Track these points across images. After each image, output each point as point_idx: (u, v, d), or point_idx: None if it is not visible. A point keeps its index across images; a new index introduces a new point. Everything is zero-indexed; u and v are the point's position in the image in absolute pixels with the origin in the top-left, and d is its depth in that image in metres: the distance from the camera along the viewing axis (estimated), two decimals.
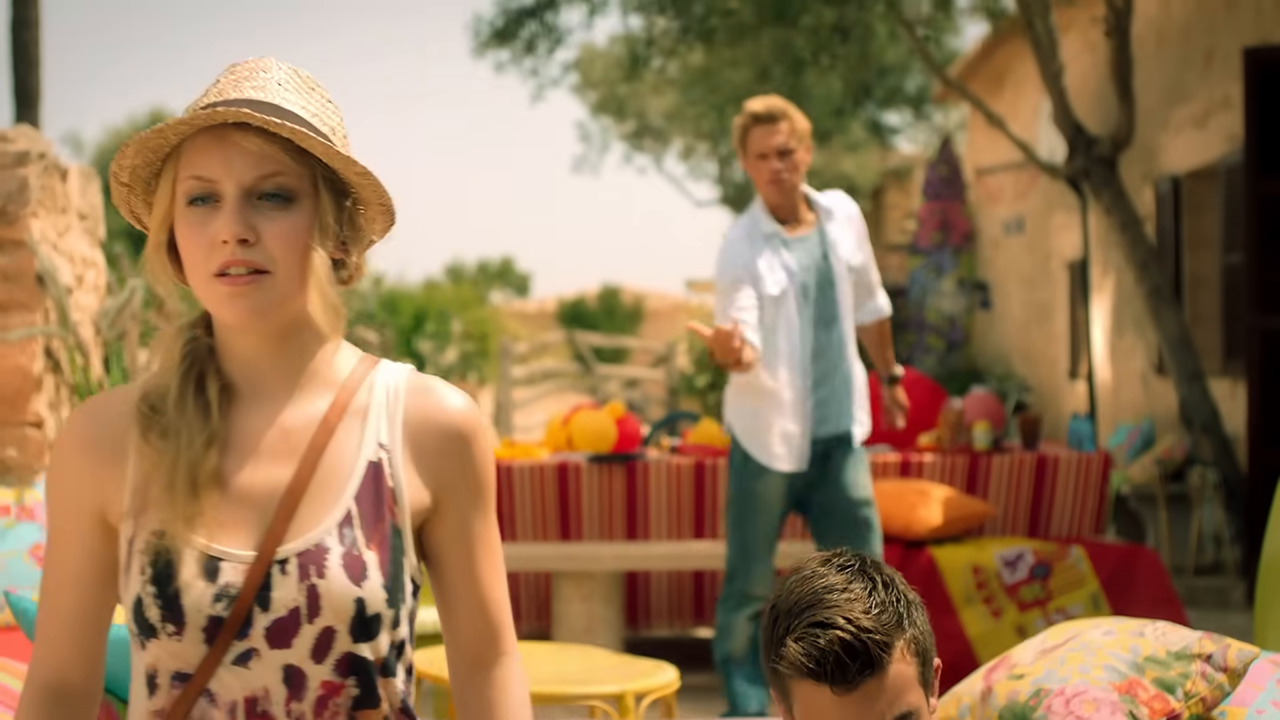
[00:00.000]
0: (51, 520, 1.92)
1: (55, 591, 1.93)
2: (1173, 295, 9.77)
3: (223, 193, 1.84)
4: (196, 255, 1.86)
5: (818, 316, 5.30)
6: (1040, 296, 15.67)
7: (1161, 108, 11.30)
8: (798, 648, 2.02)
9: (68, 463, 1.91)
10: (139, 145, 1.85)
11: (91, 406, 1.94)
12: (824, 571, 2.10)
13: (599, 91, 27.58)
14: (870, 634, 2.01)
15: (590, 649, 4.49)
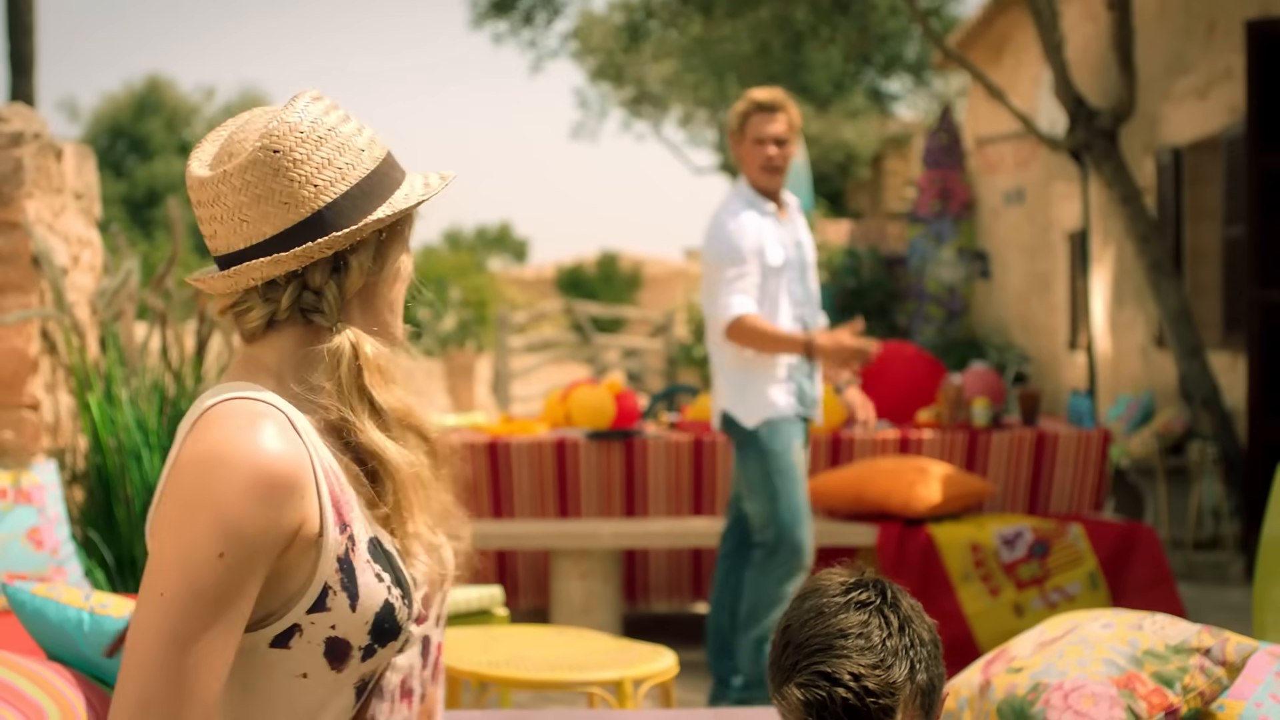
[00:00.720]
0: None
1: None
2: (1173, 268, 9.75)
3: None
4: (404, 281, 2.03)
5: (798, 296, 5.58)
6: (1040, 267, 15.65)
7: (1163, 79, 11.25)
8: (800, 694, 2.00)
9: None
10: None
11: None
12: (841, 604, 2.07)
13: (597, 58, 27.48)
14: (875, 698, 1.99)
15: (588, 633, 4.48)
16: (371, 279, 1.96)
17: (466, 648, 4.18)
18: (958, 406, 7.18)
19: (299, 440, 1.83)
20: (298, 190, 1.87)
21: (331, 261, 1.92)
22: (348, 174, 1.90)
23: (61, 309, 5.33)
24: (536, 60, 18.58)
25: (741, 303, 5.38)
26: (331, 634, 1.83)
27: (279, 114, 1.92)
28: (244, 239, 1.89)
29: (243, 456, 1.77)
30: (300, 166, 1.88)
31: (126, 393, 5.46)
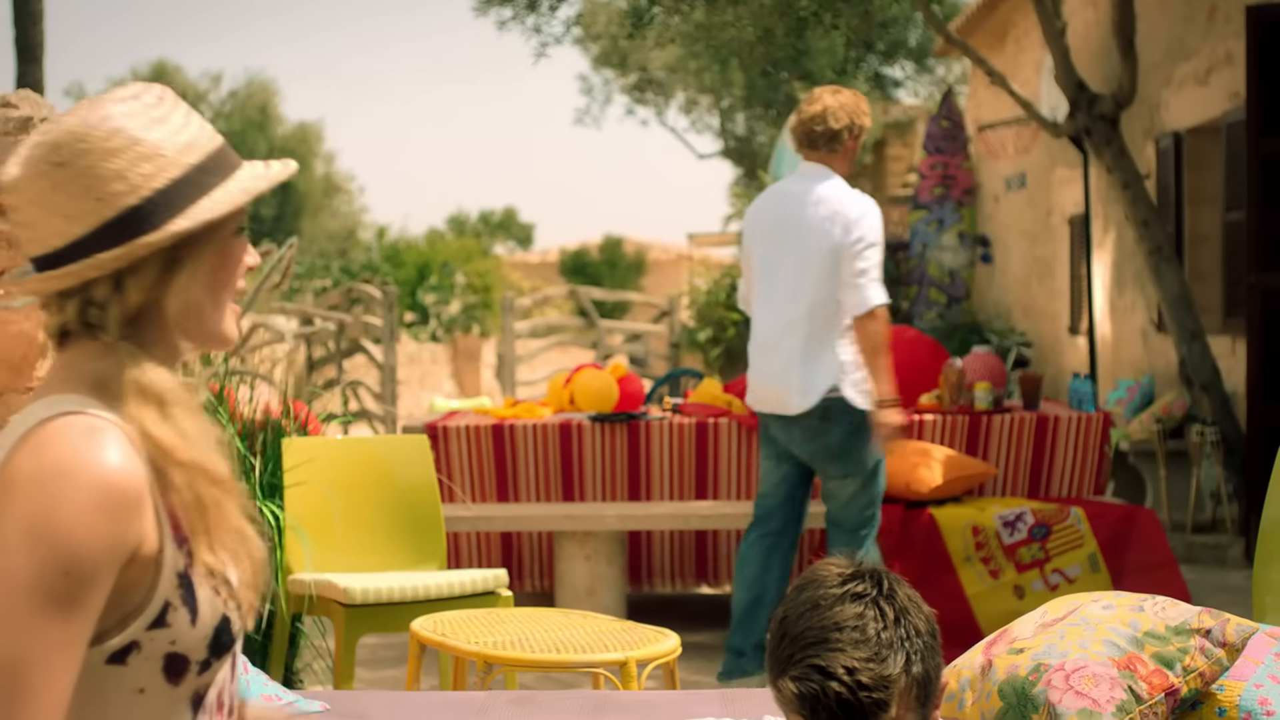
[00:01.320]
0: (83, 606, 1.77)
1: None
2: (1173, 253, 9.76)
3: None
4: (230, 281, 1.95)
5: None
6: (1041, 252, 15.66)
7: (1164, 64, 11.26)
8: (794, 688, 2.01)
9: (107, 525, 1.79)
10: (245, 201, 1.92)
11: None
12: (837, 595, 2.08)
13: (601, 44, 27.45)
14: (868, 691, 2.00)
15: (593, 615, 4.52)
16: (158, 294, 1.87)
17: (472, 629, 4.21)
18: (959, 390, 7.21)
19: (135, 455, 1.79)
20: (78, 204, 1.82)
21: (114, 276, 1.84)
22: (140, 186, 1.82)
23: None
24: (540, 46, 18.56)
25: (884, 294, 5.66)
26: (171, 649, 1.80)
27: (81, 115, 1.85)
28: (35, 247, 1.86)
29: (86, 472, 1.72)
30: (86, 177, 1.82)
31: None
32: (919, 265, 16.99)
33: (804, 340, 5.70)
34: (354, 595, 4.81)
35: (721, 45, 15.94)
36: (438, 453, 7.03)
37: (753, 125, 27.68)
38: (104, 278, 1.84)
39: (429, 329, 23.04)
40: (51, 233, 1.83)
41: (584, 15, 25.67)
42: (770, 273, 5.83)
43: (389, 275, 23.85)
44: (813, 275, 5.68)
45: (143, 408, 1.82)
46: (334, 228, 40.63)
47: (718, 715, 3.18)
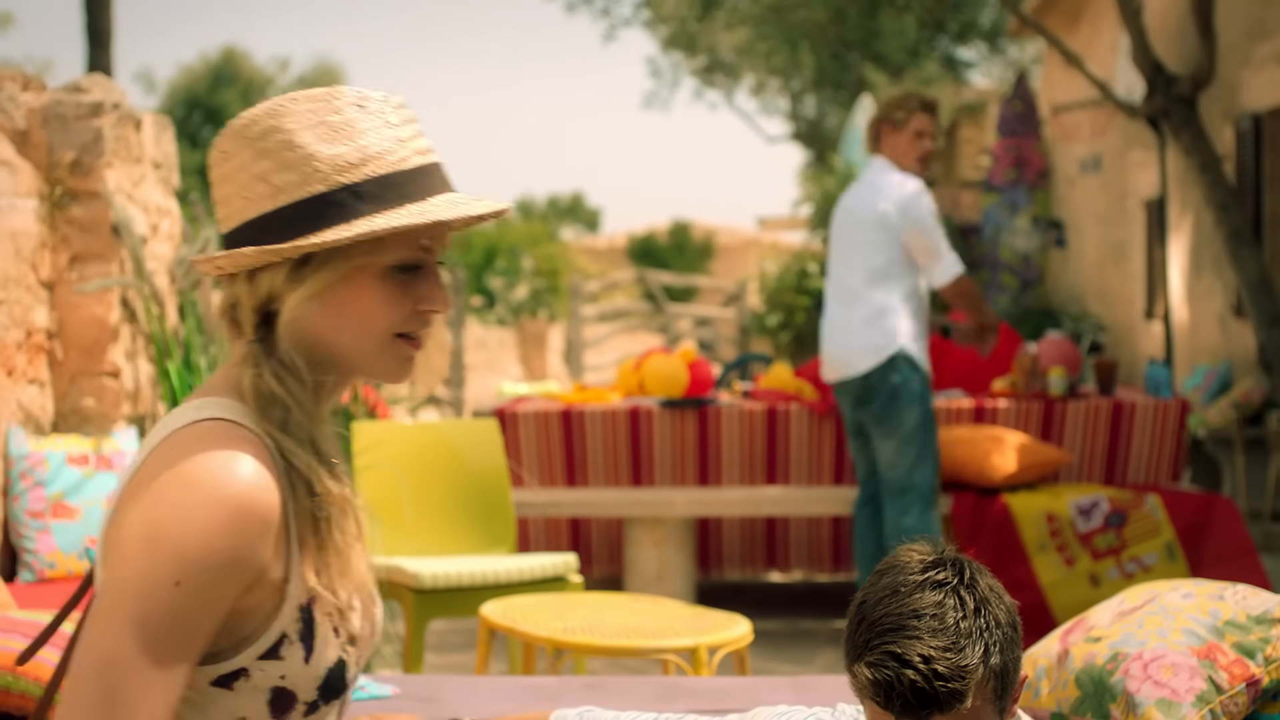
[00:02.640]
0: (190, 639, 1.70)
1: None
2: (1253, 236, 9.62)
3: (427, 262, 1.85)
4: (388, 316, 1.83)
5: None
6: (1116, 235, 15.49)
7: (1243, 44, 11.09)
8: (869, 674, 1.98)
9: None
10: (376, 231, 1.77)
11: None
12: (917, 582, 2.03)
13: (670, 26, 27.39)
14: (944, 681, 1.95)
15: (663, 600, 4.49)
16: (278, 307, 1.80)
17: (541, 614, 4.20)
18: (1033, 376, 7.13)
19: (270, 473, 1.72)
20: (228, 197, 1.80)
21: (249, 275, 1.80)
22: (280, 191, 1.78)
23: (141, 277, 5.38)
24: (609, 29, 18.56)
25: (959, 262, 6.13)
26: (280, 683, 1.75)
27: (261, 107, 1.83)
28: (223, 223, 1.84)
29: (214, 484, 1.67)
30: (238, 172, 1.80)
31: (205, 360, 5.51)
32: (991, 249, 16.85)
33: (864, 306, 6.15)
34: (424, 580, 4.81)
35: (792, 27, 15.88)
36: (507, 437, 7.03)
37: (823, 108, 27.54)
38: (241, 275, 1.80)
39: (496, 313, 23.10)
40: (220, 218, 1.84)
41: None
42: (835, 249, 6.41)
43: (456, 260, 23.92)
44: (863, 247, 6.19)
45: (272, 420, 1.77)
46: None
47: (790, 703, 3.15)
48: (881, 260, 6.07)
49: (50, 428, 5.33)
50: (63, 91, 5.45)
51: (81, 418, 5.37)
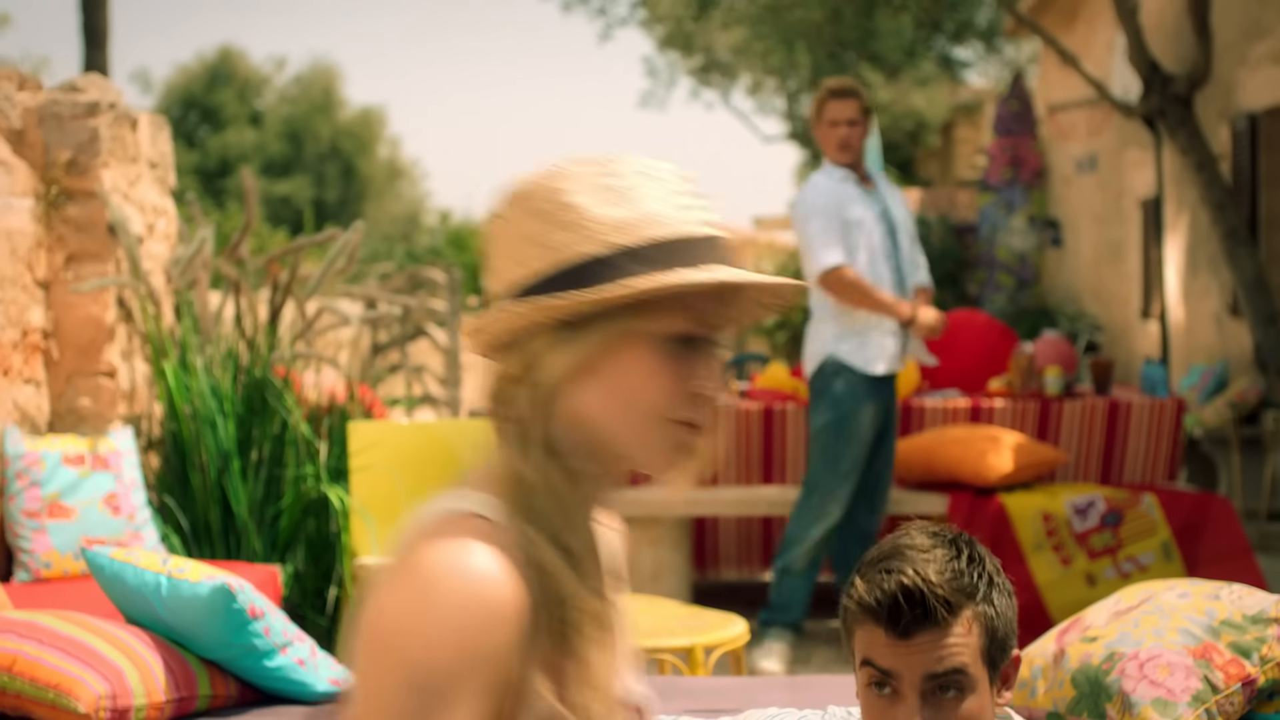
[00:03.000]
0: None
1: None
2: (1248, 236, 9.63)
3: (705, 337, 1.69)
4: (659, 392, 1.67)
5: (889, 251, 6.09)
6: (1112, 235, 15.50)
7: (1239, 44, 11.10)
8: (863, 586, 2.03)
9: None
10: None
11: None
12: (915, 534, 2.09)
13: (666, 26, 27.38)
14: (934, 588, 1.99)
15: (659, 600, 4.49)
16: (570, 376, 1.66)
17: None
18: (1029, 375, 7.13)
19: (516, 571, 1.59)
20: (526, 248, 1.68)
21: (507, 344, 1.68)
22: (549, 253, 1.65)
23: (137, 277, 5.38)
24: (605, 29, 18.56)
25: (836, 254, 5.91)
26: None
27: (547, 167, 1.70)
28: (493, 291, 1.73)
29: (456, 582, 1.55)
30: (509, 231, 1.69)
31: (201, 360, 5.51)
32: (988, 249, 16.85)
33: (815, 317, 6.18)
34: None
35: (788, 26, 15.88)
36: None
37: None
38: (507, 346, 1.69)
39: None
40: (491, 285, 1.72)
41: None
42: None
43: (453, 259, 23.92)
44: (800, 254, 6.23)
45: (525, 512, 1.64)
46: (398, 212, 40.79)
47: (784, 703, 3.15)
48: (803, 263, 6.15)
49: (46, 427, 5.33)
50: (59, 91, 5.45)
51: (77, 417, 5.36)
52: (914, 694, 2.00)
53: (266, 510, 5.46)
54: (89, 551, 3.39)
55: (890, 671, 2.01)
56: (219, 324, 5.69)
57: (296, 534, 5.48)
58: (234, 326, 5.69)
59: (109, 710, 3.00)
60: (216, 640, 3.20)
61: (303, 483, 5.43)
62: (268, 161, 37.55)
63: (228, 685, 3.26)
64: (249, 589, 3.21)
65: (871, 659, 2.02)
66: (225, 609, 3.15)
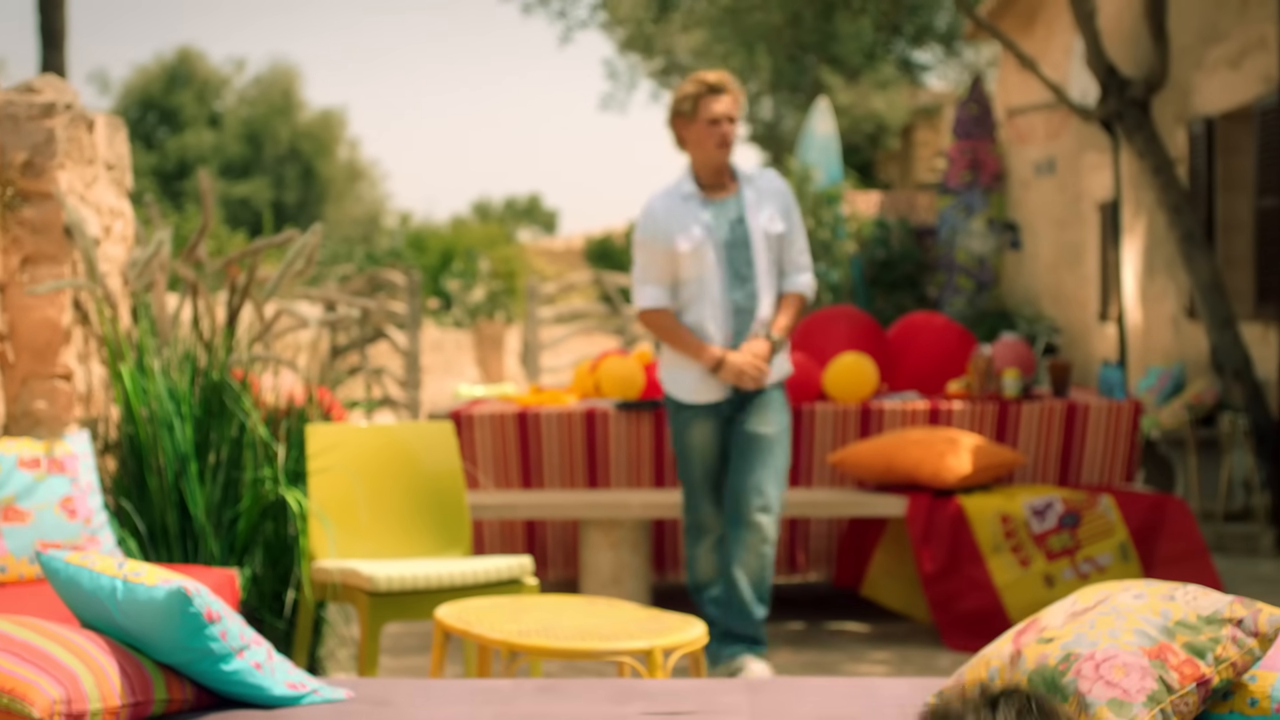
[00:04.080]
0: None
1: None
2: (1205, 239, 9.69)
3: None
4: None
5: (732, 275, 5.75)
6: (1071, 238, 15.57)
7: (1196, 48, 11.17)
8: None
9: None
10: None
11: None
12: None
13: (627, 28, 27.38)
14: None
15: (618, 603, 4.49)
16: None
17: (496, 617, 4.19)
18: (988, 377, 7.16)
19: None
20: None
21: None
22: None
23: (94, 279, 5.35)
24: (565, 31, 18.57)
25: (650, 295, 5.76)
26: None
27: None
28: None
29: None
30: None
31: (158, 363, 5.48)
32: (947, 252, 16.91)
33: None
34: (378, 583, 4.79)
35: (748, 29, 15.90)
36: (462, 440, 7.02)
37: (780, 110, 27.58)
38: None
39: (453, 315, 23.05)
40: None
41: (609, 1, 25.61)
42: None
43: (413, 262, 23.87)
44: None
45: None
46: (358, 214, 40.69)
47: (742, 705, 3.15)
48: None
49: (1, 430, 5.29)
50: (14, 92, 5.41)
51: (33, 420, 5.33)
52: None
53: (224, 513, 5.43)
54: (44, 555, 3.37)
55: None
56: (176, 326, 5.67)
57: (254, 537, 5.45)
58: (191, 329, 5.66)
59: (63, 715, 2.98)
60: (172, 644, 3.18)
61: (261, 486, 5.41)
62: (227, 163, 37.39)
63: (184, 689, 3.25)
64: (205, 592, 3.19)
65: None
66: (181, 613, 3.14)
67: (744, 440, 5.75)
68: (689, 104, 5.74)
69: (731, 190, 5.80)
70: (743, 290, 5.74)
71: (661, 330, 5.74)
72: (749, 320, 5.74)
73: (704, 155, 5.76)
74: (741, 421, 5.77)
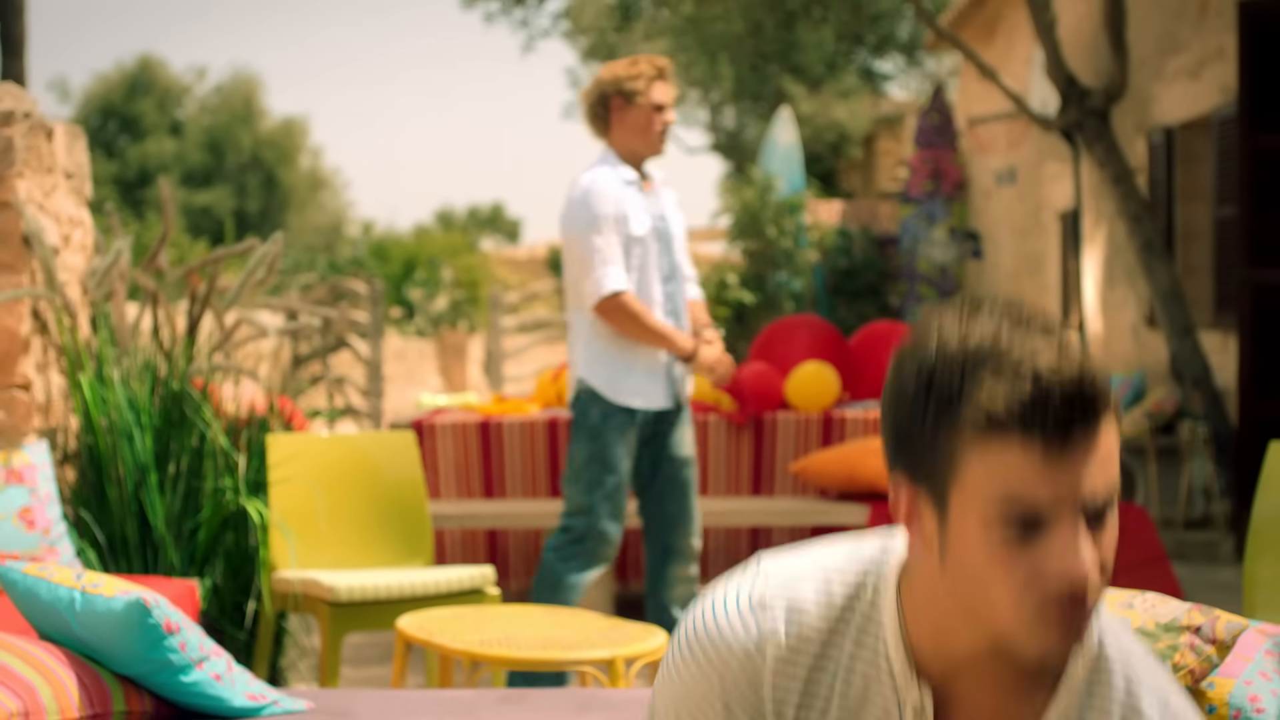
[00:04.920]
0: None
1: None
2: (1164, 248, 9.75)
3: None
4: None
5: (665, 270, 5.44)
6: (1032, 247, 15.65)
7: (1155, 58, 11.25)
8: (1001, 389, 1.49)
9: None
10: None
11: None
12: (986, 316, 1.56)
13: (589, 37, 27.40)
14: (1088, 370, 1.51)
15: (580, 612, 4.49)
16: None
17: (458, 627, 4.18)
18: None
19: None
20: None
21: None
22: None
23: (53, 289, 5.32)
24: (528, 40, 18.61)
25: (619, 277, 5.24)
26: None
27: None
28: None
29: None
30: None
31: (118, 372, 5.45)
32: (909, 261, 16.98)
33: (571, 334, 5.48)
34: (339, 593, 4.78)
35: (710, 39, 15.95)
36: (424, 449, 7.00)
37: (742, 119, 27.66)
38: None
39: (415, 324, 23.02)
40: None
41: (572, 8, 25.63)
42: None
43: (375, 270, 23.83)
44: (567, 264, 5.43)
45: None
46: (320, 222, 40.61)
47: None
48: (570, 277, 5.41)
49: None
50: None
51: None
52: (1076, 521, 1.54)
53: (184, 524, 5.41)
54: (2, 567, 3.35)
55: (1042, 504, 1.52)
56: (136, 336, 5.64)
57: (215, 547, 5.43)
58: (152, 338, 5.64)
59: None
60: (131, 655, 3.16)
61: (221, 496, 5.38)
62: (188, 171, 37.27)
63: (143, 701, 3.23)
64: (164, 603, 3.18)
65: (1016, 492, 1.51)
66: (140, 624, 3.12)
67: (675, 463, 5.47)
68: (641, 84, 5.31)
69: (650, 185, 5.46)
70: (671, 285, 5.45)
71: (634, 315, 5.22)
72: (677, 321, 5.43)
73: (643, 143, 5.36)
74: (667, 440, 5.45)
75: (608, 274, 5.21)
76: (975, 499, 1.52)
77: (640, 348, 5.32)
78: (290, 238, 33.42)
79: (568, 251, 5.38)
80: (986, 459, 1.50)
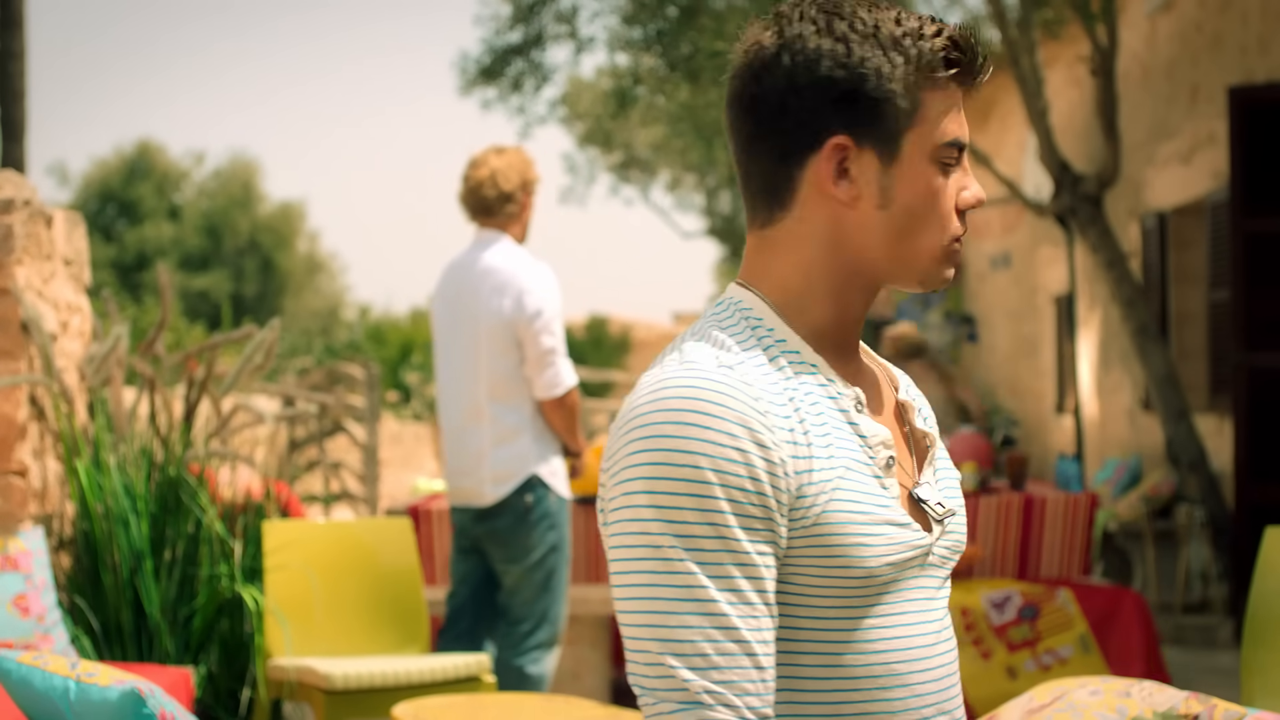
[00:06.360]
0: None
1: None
2: (1159, 332, 9.79)
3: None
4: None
5: None
6: (1027, 330, 15.70)
7: (1147, 144, 11.33)
8: (940, 39, 1.73)
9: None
10: None
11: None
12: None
13: (586, 123, 27.60)
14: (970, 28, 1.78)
15: (576, 700, 4.47)
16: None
17: (454, 715, 4.16)
18: None
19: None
20: None
21: None
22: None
23: (50, 375, 5.33)
24: (525, 126, 18.71)
25: (571, 371, 5.33)
26: None
27: None
28: None
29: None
30: None
31: (114, 459, 5.45)
32: None
33: (491, 425, 5.31)
34: (335, 681, 4.75)
35: (706, 124, 16.06)
36: (420, 535, 6.97)
37: (737, 204, 27.81)
38: None
39: (412, 408, 23.00)
40: None
41: (568, 95, 25.83)
42: (447, 353, 5.45)
43: (372, 354, 23.85)
44: (486, 353, 5.30)
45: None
46: (317, 306, 40.65)
47: None
48: (508, 365, 5.28)
49: None
50: None
51: None
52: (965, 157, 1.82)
53: (179, 610, 5.39)
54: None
55: (962, 140, 1.78)
56: (133, 422, 5.65)
57: (210, 635, 5.41)
58: (148, 424, 5.64)
59: None
60: None
61: (217, 582, 5.37)
62: (186, 255, 37.37)
63: None
64: (159, 693, 3.16)
65: (952, 130, 1.77)
66: (135, 714, 3.10)
67: None
68: (533, 182, 5.49)
69: None
70: None
71: (575, 411, 5.30)
72: None
73: (522, 234, 5.50)
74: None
75: (567, 365, 5.30)
76: (927, 139, 1.74)
77: (555, 440, 5.37)
78: (287, 321, 33.46)
79: (520, 341, 5.28)
80: (935, 103, 1.74)
